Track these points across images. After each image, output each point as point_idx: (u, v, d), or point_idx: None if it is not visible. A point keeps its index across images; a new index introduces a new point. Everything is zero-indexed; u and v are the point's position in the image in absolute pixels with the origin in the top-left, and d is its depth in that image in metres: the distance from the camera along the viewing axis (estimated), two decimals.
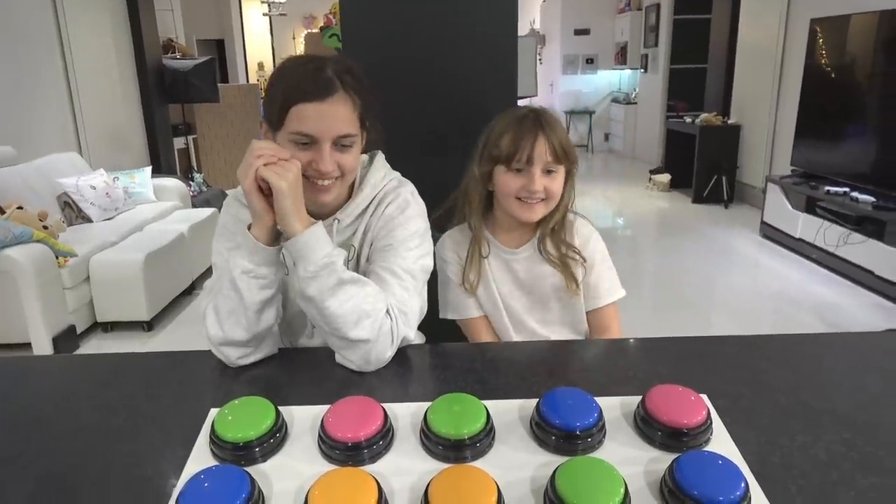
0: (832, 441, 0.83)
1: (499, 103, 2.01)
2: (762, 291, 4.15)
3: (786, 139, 5.30)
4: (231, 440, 0.73)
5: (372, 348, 0.99)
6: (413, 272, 1.11)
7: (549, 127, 1.24)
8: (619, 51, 9.30)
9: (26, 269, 2.91)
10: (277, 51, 11.85)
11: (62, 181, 3.92)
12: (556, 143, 1.23)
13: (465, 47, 1.93)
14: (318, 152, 1.05)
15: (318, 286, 0.99)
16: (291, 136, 1.05)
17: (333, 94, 1.05)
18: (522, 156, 1.22)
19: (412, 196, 1.21)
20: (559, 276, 1.31)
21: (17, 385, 1.06)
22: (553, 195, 1.26)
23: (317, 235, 1.00)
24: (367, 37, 1.91)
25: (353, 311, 0.99)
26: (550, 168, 1.24)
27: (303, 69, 1.07)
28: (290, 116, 1.04)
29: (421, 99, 1.92)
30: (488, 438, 0.74)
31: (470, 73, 1.94)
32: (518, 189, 1.24)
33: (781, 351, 1.13)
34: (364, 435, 0.72)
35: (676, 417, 0.74)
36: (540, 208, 1.26)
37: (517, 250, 1.33)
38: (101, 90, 5.09)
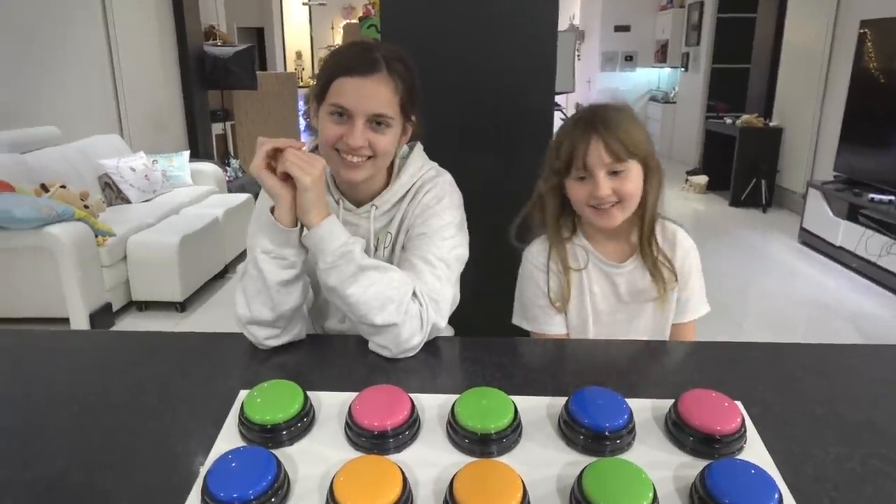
0: (868, 455, 0.80)
1: (536, 99, 1.99)
2: (798, 299, 4.05)
3: (829, 144, 5.15)
4: (259, 422, 0.74)
5: (400, 332, 1.00)
6: (447, 261, 1.11)
7: (604, 125, 1.13)
8: (659, 48, 9.14)
9: (67, 247, 2.98)
10: (316, 40, 11.94)
11: (103, 162, 4.01)
12: (613, 143, 1.12)
13: (504, 41, 1.91)
14: (351, 127, 1.07)
15: (337, 275, 1.00)
16: (330, 108, 1.08)
17: (376, 72, 1.07)
18: (580, 162, 1.13)
19: (450, 186, 1.21)
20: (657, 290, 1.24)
21: (54, 358, 1.09)
22: (627, 197, 1.15)
23: (331, 227, 1.02)
24: (407, 28, 1.91)
25: (376, 297, 1.00)
26: (615, 169, 1.13)
27: (353, 48, 1.11)
28: (332, 89, 1.07)
29: (458, 92, 1.91)
30: (515, 434, 0.74)
31: (508, 68, 1.92)
32: (587, 197, 1.15)
33: (817, 360, 1.10)
34: (391, 424, 0.73)
35: (709, 423, 0.72)
36: (616, 213, 1.15)
37: (622, 264, 1.24)
38: (144, 74, 5.19)
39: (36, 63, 3.99)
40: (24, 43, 3.89)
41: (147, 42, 5.28)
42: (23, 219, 2.91)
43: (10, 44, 3.77)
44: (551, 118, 2.05)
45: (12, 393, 0.96)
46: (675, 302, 1.27)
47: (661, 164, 1.21)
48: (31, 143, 3.68)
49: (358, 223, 1.18)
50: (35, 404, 0.91)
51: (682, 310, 1.28)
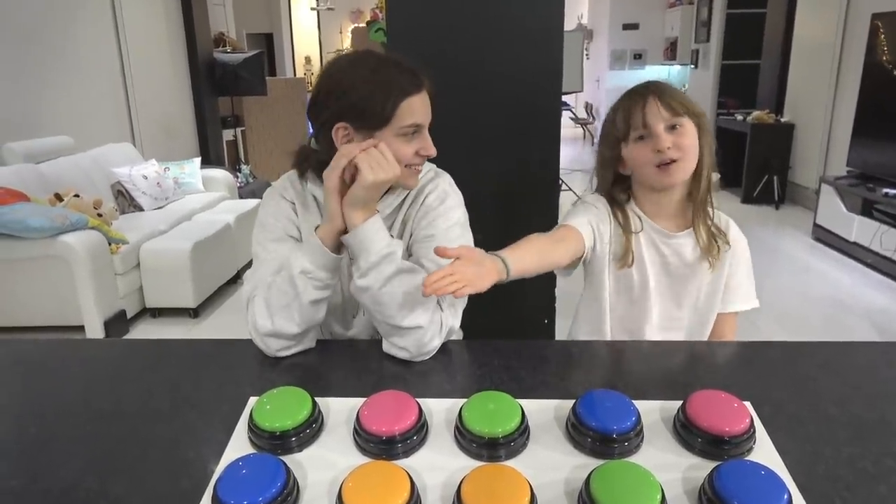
0: (881, 454, 0.80)
1: (544, 99, 1.99)
2: (812, 296, 4.01)
3: (842, 139, 5.10)
4: (269, 429, 0.74)
5: (424, 335, 1.01)
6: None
7: (658, 90, 1.19)
8: (668, 46, 9.10)
9: (81, 255, 3.01)
10: (324, 45, 11.99)
11: (116, 170, 4.05)
12: (669, 99, 1.17)
13: (511, 42, 1.91)
14: (424, 139, 1.12)
15: (376, 275, 1.02)
16: (403, 130, 1.08)
17: (423, 86, 1.12)
18: (638, 121, 1.17)
19: (450, 187, 1.22)
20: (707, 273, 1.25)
21: (67, 367, 1.10)
22: (687, 151, 1.17)
23: (377, 227, 1.04)
24: (413, 31, 1.92)
25: (408, 299, 1.01)
26: (673, 122, 1.16)
27: (397, 66, 1.10)
28: (401, 111, 1.07)
29: (466, 93, 1.92)
30: (523, 438, 0.74)
31: (515, 68, 1.92)
32: (650, 154, 1.17)
33: (831, 359, 1.09)
34: (399, 429, 0.73)
35: (718, 424, 0.72)
36: (677, 169, 1.17)
37: (674, 233, 1.25)
38: (155, 83, 5.24)
39: (49, 74, 4.04)
40: (37, 55, 3.94)
41: (158, 50, 5.33)
42: (38, 228, 2.95)
43: (24, 56, 3.82)
44: (559, 118, 2.05)
45: (27, 401, 0.97)
46: (724, 289, 1.28)
47: (710, 130, 1.23)
48: (44, 153, 3.73)
49: None
50: (49, 412, 0.92)
51: (731, 298, 1.30)
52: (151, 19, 5.25)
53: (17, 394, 1.00)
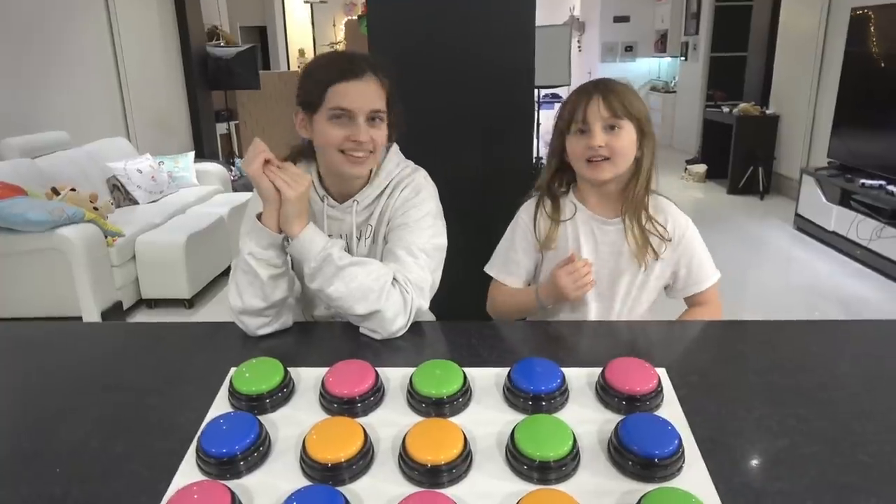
0: (787, 415, 0.91)
1: (517, 93, 2.09)
2: (793, 284, 4.14)
3: (824, 131, 5.21)
4: (246, 392, 0.86)
5: (384, 316, 1.11)
6: (427, 250, 1.22)
7: (606, 88, 1.25)
8: (658, 38, 9.19)
9: (78, 248, 3.12)
10: (318, 38, 12.02)
11: (111, 165, 4.15)
12: (613, 101, 1.23)
13: (485, 39, 2.00)
14: (355, 126, 1.18)
15: (321, 277, 1.12)
16: (331, 113, 1.19)
17: (366, 73, 1.20)
18: (579, 116, 1.24)
19: (425, 180, 1.32)
20: (638, 269, 1.32)
21: (72, 346, 1.21)
22: (618, 152, 1.24)
23: (311, 235, 1.13)
24: (392, 27, 2.01)
25: (358, 290, 1.11)
26: (611, 123, 1.23)
27: (336, 57, 1.25)
28: (329, 95, 1.18)
29: (442, 89, 2.02)
30: (465, 398, 0.85)
31: (489, 64, 2.02)
32: (583, 149, 1.25)
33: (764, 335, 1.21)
34: (358, 391, 0.84)
35: (630, 385, 0.83)
36: (606, 167, 1.24)
37: (608, 219, 1.33)
38: (148, 78, 5.32)
39: (45, 70, 4.13)
40: (33, 51, 4.03)
41: (151, 45, 5.41)
42: (36, 221, 3.05)
43: (20, 53, 3.90)
44: (532, 112, 2.15)
45: (37, 377, 1.08)
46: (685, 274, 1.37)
47: (655, 134, 1.31)
48: (41, 148, 3.82)
49: (342, 217, 1.30)
50: (56, 386, 1.03)
51: (697, 279, 1.37)
52: (144, 14, 5.33)
53: (28, 371, 1.11)
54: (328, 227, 1.30)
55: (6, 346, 1.23)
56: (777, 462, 0.80)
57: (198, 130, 6.00)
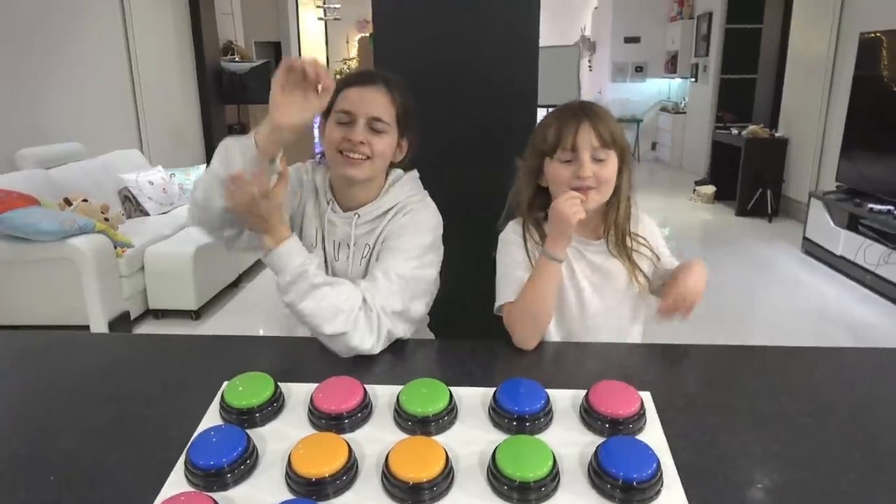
0: (771, 441, 0.91)
1: (519, 111, 2.11)
2: (800, 308, 4.12)
3: (833, 154, 5.21)
4: (236, 406, 0.88)
5: (350, 338, 1.12)
6: (405, 278, 1.21)
7: (594, 115, 1.23)
8: (669, 59, 9.24)
9: (88, 258, 3.16)
10: (331, 54, 12.17)
11: (124, 176, 4.21)
12: (602, 129, 1.21)
13: (488, 57, 2.03)
14: (353, 129, 1.23)
15: (294, 292, 1.14)
16: (336, 116, 1.25)
17: (374, 83, 1.26)
18: (568, 143, 1.21)
19: (430, 212, 1.33)
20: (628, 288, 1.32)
21: (72, 356, 1.24)
22: (604, 181, 1.23)
23: (289, 248, 1.15)
24: (397, 46, 2.05)
25: (327, 309, 1.12)
26: (599, 155, 1.22)
27: (356, 71, 1.30)
28: (338, 99, 1.25)
29: (445, 105, 2.04)
30: (450, 417, 0.87)
31: (492, 82, 2.04)
32: (569, 178, 1.22)
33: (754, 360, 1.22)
34: (345, 408, 0.86)
35: (612, 408, 0.84)
36: (593, 196, 1.23)
37: (592, 241, 1.32)
38: (163, 91, 5.41)
39: (61, 83, 4.21)
40: (50, 64, 4.12)
41: (166, 59, 5.51)
42: (48, 231, 3.10)
43: (38, 66, 3.99)
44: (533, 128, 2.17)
45: (38, 385, 1.11)
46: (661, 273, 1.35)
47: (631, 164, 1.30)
48: (56, 159, 3.90)
49: (340, 226, 1.32)
50: (56, 395, 1.06)
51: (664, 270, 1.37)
52: (161, 29, 5.43)
53: (31, 379, 1.14)
54: (327, 231, 1.33)
55: (12, 354, 1.26)
56: (757, 488, 0.81)
57: (210, 144, 6.08)
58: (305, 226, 1.35)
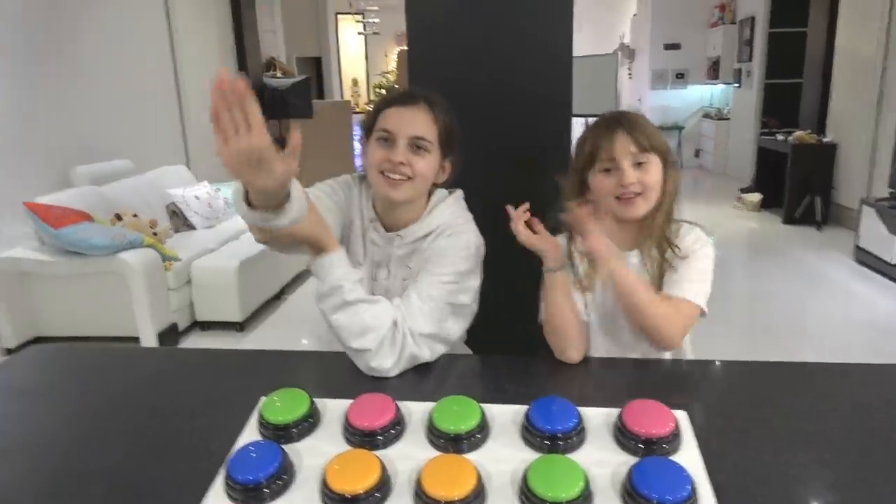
0: (813, 462, 0.89)
1: (553, 121, 2.10)
2: (853, 320, 3.97)
3: (885, 159, 5.04)
4: (273, 422, 0.90)
5: (372, 357, 1.13)
6: (437, 301, 1.20)
7: (628, 121, 1.22)
8: (710, 65, 9.08)
9: (137, 272, 3.27)
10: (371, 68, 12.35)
11: (171, 192, 4.35)
12: (638, 135, 1.20)
13: (522, 68, 2.03)
14: (392, 149, 1.24)
15: (328, 304, 1.16)
16: (377, 135, 1.27)
17: (416, 103, 1.26)
18: (606, 153, 1.21)
19: (472, 236, 1.31)
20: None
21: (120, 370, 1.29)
22: (650, 187, 1.21)
23: (331, 261, 1.15)
24: (431, 59, 2.06)
25: (357, 325, 1.14)
26: (639, 160, 1.21)
27: (399, 90, 1.34)
28: (379, 119, 1.27)
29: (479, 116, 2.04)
30: (482, 434, 0.87)
31: (525, 93, 2.04)
32: (613, 187, 1.21)
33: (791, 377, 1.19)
34: (379, 425, 0.87)
35: (647, 428, 0.84)
36: (640, 203, 1.21)
37: (629, 252, 1.29)
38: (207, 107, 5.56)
39: (111, 101, 4.38)
40: (102, 85, 4.29)
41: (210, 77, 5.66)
42: (100, 246, 3.23)
43: (91, 87, 4.16)
44: (568, 139, 2.16)
45: (85, 398, 1.16)
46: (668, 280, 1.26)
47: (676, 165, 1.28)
48: (107, 176, 4.05)
49: (382, 246, 1.33)
50: (105, 407, 1.11)
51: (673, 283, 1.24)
52: (206, 47, 5.60)
53: (80, 392, 1.19)
54: (370, 252, 1.34)
55: (64, 366, 1.32)
56: None
57: None
58: (352, 241, 1.37)
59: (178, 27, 5.11)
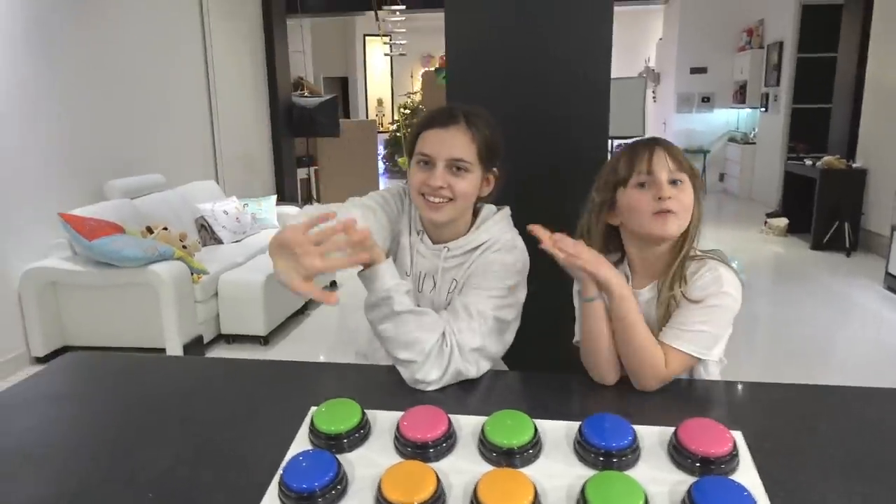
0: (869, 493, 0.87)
1: (590, 145, 2.10)
2: (884, 348, 3.88)
3: None
4: (325, 431, 0.90)
5: (417, 369, 1.13)
6: (486, 317, 1.20)
7: (665, 143, 1.21)
8: (737, 89, 9.05)
9: (167, 284, 3.32)
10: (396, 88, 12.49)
11: (200, 206, 4.41)
12: (676, 154, 1.18)
13: (561, 91, 2.04)
14: (431, 173, 1.24)
15: (376, 313, 1.17)
16: (417, 158, 1.27)
17: (455, 124, 1.25)
18: (643, 167, 1.17)
19: (519, 253, 1.30)
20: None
21: (161, 378, 1.30)
22: (685, 208, 1.17)
23: (381, 271, 1.16)
24: (470, 81, 2.08)
25: (404, 335, 1.14)
26: (675, 177, 1.17)
27: (437, 109, 1.32)
28: (418, 142, 1.27)
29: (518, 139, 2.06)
30: (535, 450, 0.87)
31: (564, 115, 2.05)
32: (648, 202, 1.16)
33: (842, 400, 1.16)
34: (431, 437, 0.87)
35: (704, 447, 0.82)
36: (674, 221, 1.16)
37: (640, 291, 1.24)
38: (238, 125, 5.68)
39: (145, 117, 4.48)
40: (137, 101, 4.39)
41: (242, 95, 5.79)
42: (131, 258, 3.27)
43: (126, 103, 4.26)
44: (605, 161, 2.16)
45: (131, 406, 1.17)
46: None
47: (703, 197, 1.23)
48: (140, 190, 4.13)
49: (429, 258, 1.34)
50: (150, 415, 1.11)
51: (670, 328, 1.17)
52: (238, 67, 5.72)
53: (124, 400, 1.20)
54: (417, 263, 1.35)
55: (106, 374, 1.33)
56: None
57: (280, 175, 6.32)
58: (400, 252, 1.38)
59: (212, 45, 5.23)
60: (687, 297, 1.17)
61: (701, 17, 9.02)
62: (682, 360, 1.14)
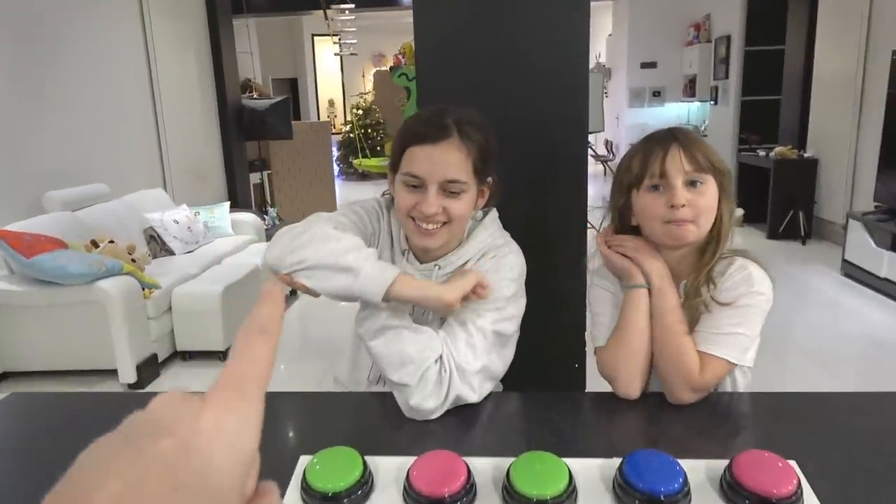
0: None
1: (570, 142, 2.02)
2: (845, 334, 3.95)
3: (867, 173, 5.08)
4: (321, 490, 0.76)
5: (412, 394, 1.00)
6: (485, 332, 1.09)
7: (683, 137, 1.08)
8: (687, 83, 9.18)
9: (116, 300, 3.08)
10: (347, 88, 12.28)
11: (148, 216, 4.16)
12: (695, 152, 1.06)
13: (537, 88, 1.95)
14: (424, 195, 1.08)
15: (367, 326, 1.05)
16: (403, 178, 1.10)
17: (446, 139, 1.08)
18: (655, 169, 1.06)
19: (514, 257, 1.19)
20: None
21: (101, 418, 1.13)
22: (703, 212, 1.05)
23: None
24: (441, 79, 1.96)
25: (396, 354, 1.02)
26: (694, 179, 1.06)
27: (425, 115, 1.13)
28: (405, 158, 1.10)
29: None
30: (571, 499, 0.75)
31: (541, 113, 1.96)
32: (661, 209, 1.06)
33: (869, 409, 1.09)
34: (448, 491, 0.74)
35: (765, 485, 0.72)
36: (691, 229, 1.05)
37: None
38: (186, 130, 5.41)
39: (87, 125, 4.20)
40: (76, 107, 4.10)
41: (189, 99, 5.52)
42: (77, 274, 3.03)
43: (63, 109, 3.98)
44: (585, 161, 2.08)
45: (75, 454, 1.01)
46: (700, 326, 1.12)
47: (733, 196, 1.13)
48: (82, 201, 3.86)
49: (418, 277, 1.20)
50: None
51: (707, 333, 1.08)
52: (183, 69, 5.45)
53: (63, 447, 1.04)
54: None
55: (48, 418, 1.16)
56: None
57: (232, 180, 6.06)
58: None
59: (155, 48, 4.96)
60: (716, 299, 1.07)
61: (650, 12, 9.12)
62: (717, 368, 1.05)
